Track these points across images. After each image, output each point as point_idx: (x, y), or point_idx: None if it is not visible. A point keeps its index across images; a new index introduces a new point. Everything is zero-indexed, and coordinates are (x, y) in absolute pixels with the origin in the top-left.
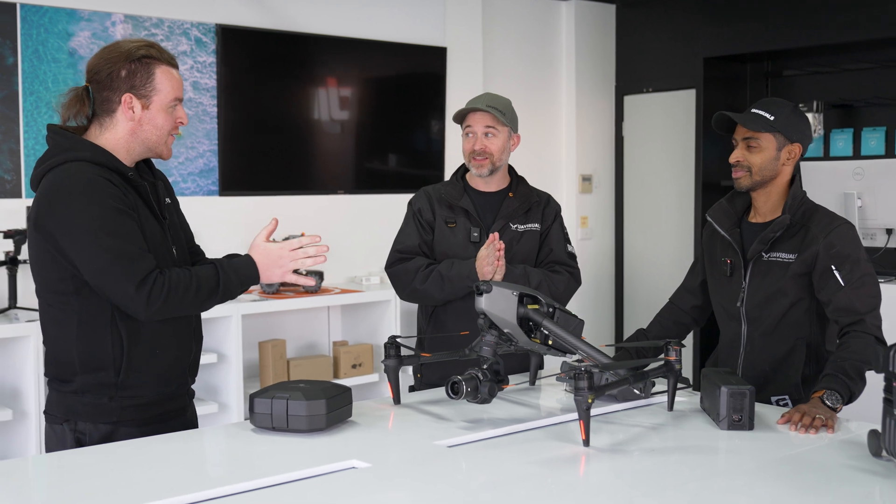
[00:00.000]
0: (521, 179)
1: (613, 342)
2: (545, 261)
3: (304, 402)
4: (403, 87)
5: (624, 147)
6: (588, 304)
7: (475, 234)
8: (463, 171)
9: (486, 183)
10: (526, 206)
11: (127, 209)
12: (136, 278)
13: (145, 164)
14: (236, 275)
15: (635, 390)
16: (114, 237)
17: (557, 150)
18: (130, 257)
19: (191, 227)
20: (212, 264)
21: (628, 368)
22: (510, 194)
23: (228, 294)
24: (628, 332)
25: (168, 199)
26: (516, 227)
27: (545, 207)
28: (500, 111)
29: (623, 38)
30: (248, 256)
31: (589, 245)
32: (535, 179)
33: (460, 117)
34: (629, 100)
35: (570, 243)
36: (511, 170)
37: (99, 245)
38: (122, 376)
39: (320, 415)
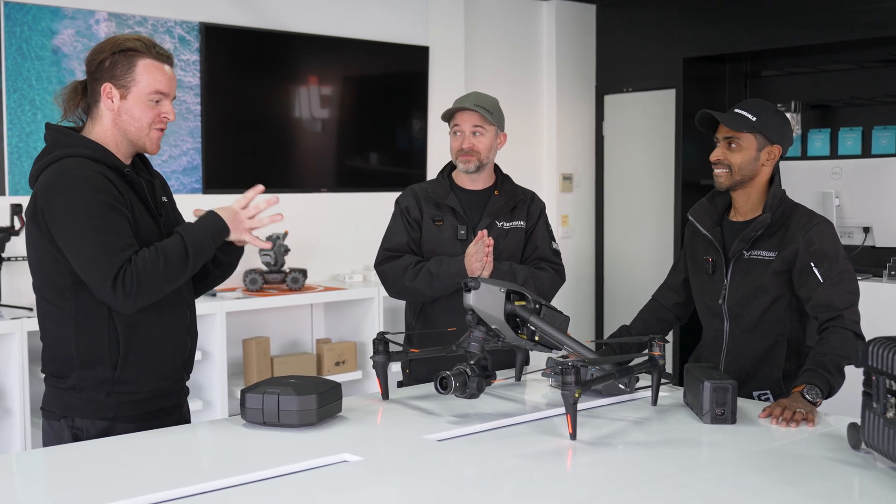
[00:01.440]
0: (507, 178)
1: (594, 339)
2: (530, 258)
3: (295, 397)
4: (386, 85)
5: (604, 146)
6: (569, 301)
7: (462, 232)
8: (449, 169)
9: (472, 181)
10: (511, 203)
11: (118, 205)
12: (110, 276)
13: (142, 163)
14: (203, 230)
15: (620, 385)
16: (100, 231)
17: (538, 148)
18: (112, 251)
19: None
20: (175, 234)
21: (613, 364)
22: (496, 192)
23: (202, 253)
24: (608, 328)
25: (164, 198)
26: (502, 225)
27: (530, 205)
28: (488, 110)
29: (603, 37)
30: (211, 211)
31: (570, 243)
32: (517, 178)
33: (448, 116)
34: (609, 99)
35: (554, 241)
36: (496, 168)
37: (85, 237)
38: (119, 372)
39: (311, 410)
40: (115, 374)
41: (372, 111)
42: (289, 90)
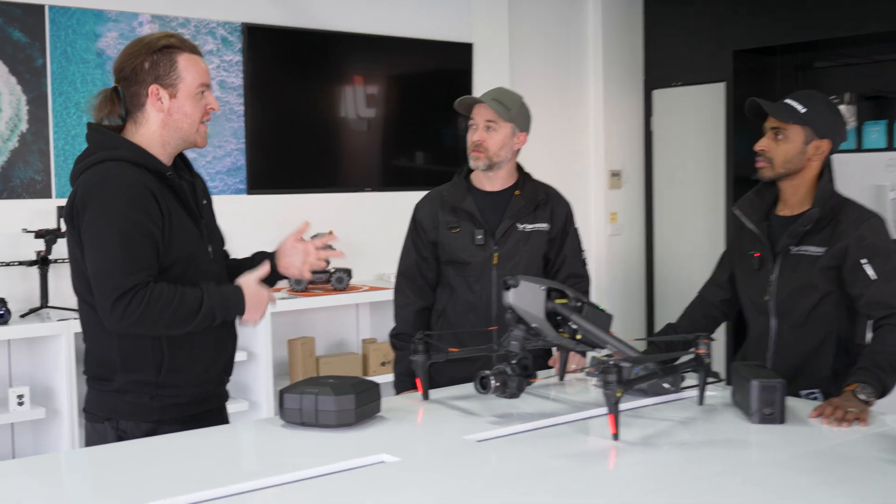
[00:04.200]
0: (528, 176)
1: (642, 337)
2: (559, 272)
3: (334, 397)
4: (430, 83)
5: (653, 142)
6: (618, 299)
7: (479, 237)
8: (467, 170)
9: (490, 181)
10: (533, 203)
11: (149, 223)
12: (117, 293)
13: (184, 164)
14: (222, 306)
15: (665, 384)
16: (121, 248)
17: (586, 145)
18: (126, 271)
19: (220, 227)
20: (199, 288)
21: (658, 362)
22: (516, 192)
23: (208, 320)
24: (659, 327)
25: (205, 201)
26: (523, 228)
27: (555, 206)
28: (505, 106)
29: (651, 31)
30: (238, 289)
31: (618, 241)
32: (564, 175)
33: (468, 109)
34: (658, 94)
35: (583, 250)
36: (519, 168)
37: (103, 250)
38: (163, 376)
39: (349, 410)
40: (158, 378)
41: (416, 109)
42: (333, 90)
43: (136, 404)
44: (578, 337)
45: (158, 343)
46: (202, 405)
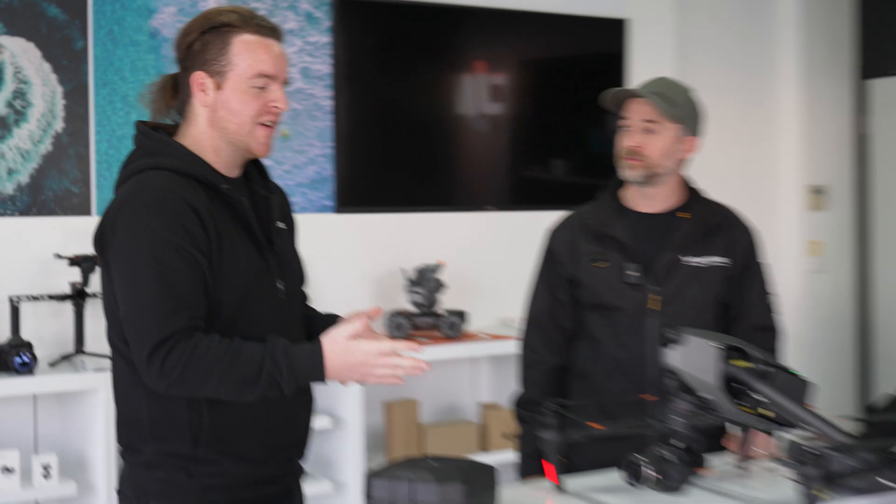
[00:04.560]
0: (698, 193)
1: (855, 413)
2: (738, 321)
3: (435, 485)
4: (572, 71)
5: (869, 148)
6: (820, 359)
7: (632, 274)
8: (617, 185)
9: (647, 200)
10: (704, 230)
11: (191, 247)
12: (151, 343)
13: (259, 175)
14: (290, 369)
15: (887, 481)
16: (154, 282)
17: (776, 153)
18: (164, 312)
19: (301, 259)
20: (262, 345)
21: (875, 450)
22: (684, 215)
23: (274, 389)
24: (878, 400)
25: (282, 224)
26: (692, 262)
27: (734, 234)
28: (670, 101)
29: (867, 2)
30: (316, 346)
31: (821, 280)
32: (746, 193)
33: (616, 105)
34: (877, 85)
35: (769, 292)
36: (686, 183)
37: (133, 286)
38: (202, 448)
39: (456, 502)
40: (195, 451)
41: (555, 105)
42: (448, 80)
43: (168, 482)
44: (765, 412)
45: (196, 404)
46: (259, 488)
